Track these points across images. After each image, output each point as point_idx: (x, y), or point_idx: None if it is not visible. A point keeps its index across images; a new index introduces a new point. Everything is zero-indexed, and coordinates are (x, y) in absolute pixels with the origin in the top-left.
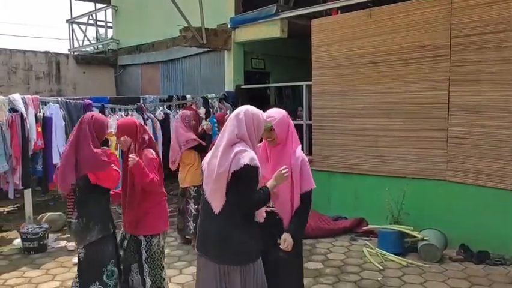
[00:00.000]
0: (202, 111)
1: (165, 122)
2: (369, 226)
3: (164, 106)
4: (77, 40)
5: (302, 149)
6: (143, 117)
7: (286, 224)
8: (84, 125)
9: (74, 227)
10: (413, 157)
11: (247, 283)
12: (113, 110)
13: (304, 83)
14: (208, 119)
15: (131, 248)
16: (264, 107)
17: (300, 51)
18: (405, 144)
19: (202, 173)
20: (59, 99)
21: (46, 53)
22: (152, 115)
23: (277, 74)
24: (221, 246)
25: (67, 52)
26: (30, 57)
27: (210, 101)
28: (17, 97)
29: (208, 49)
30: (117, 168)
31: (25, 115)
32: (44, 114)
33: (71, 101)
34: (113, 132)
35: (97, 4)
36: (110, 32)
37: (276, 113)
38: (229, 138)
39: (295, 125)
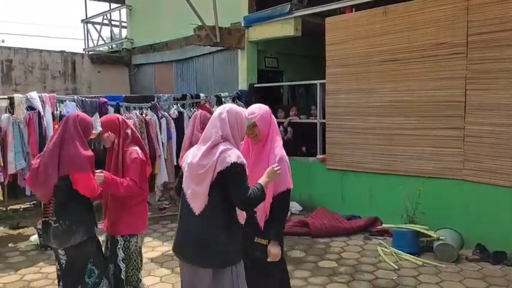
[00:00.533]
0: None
1: (179, 121)
2: (384, 225)
3: (178, 105)
4: (92, 40)
5: (315, 148)
6: (157, 116)
7: (261, 223)
8: (70, 124)
9: (54, 230)
10: (429, 156)
11: (225, 286)
12: (127, 109)
13: (318, 82)
14: None
15: (109, 248)
16: (277, 105)
17: (313, 49)
18: (421, 143)
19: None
20: (76, 97)
21: (62, 52)
22: (166, 113)
23: (291, 72)
24: (201, 249)
25: (82, 52)
26: (46, 57)
27: (223, 99)
28: (34, 95)
29: (222, 48)
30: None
31: (42, 113)
32: (61, 112)
33: (87, 99)
34: (97, 134)
35: (111, 4)
36: (124, 32)
37: (258, 108)
38: (214, 139)
39: (309, 123)
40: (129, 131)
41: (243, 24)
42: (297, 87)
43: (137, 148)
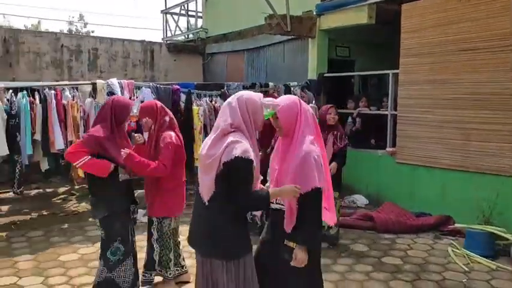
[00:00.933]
0: None
1: None
2: (456, 225)
3: None
4: (170, 30)
5: (384, 141)
6: None
7: (287, 226)
8: (106, 106)
9: (90, 203)
10: (509, 153)
11: (230, 279)
12: (198, 96)
13: (390, 72)
14: None
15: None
16: (347, 96)
17: (387, 38)
18: (501, 138)
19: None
20: (151, 84)
21: (142, 42)
22: None
23: (363, 62)
24: (208, 239)
25: (160, 41)
26: (128, 46)
27: (292, 89)
28: (114, 81)
29: (293, 37)
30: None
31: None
32: (137, 97)
33: (161, 86)
34: (136, 115)
35: None
36: (200, 22)
37: (283, 99)
38: (223, 129)
39: (379, 115)
40: (167, 118)
41: (314, 13)
42: (369, 77)
43: (171, 133)
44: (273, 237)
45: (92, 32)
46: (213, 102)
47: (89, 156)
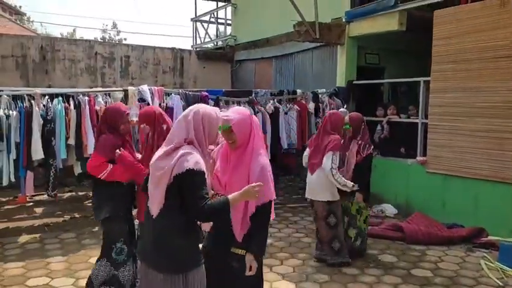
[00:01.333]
0: (311, 106)
1: (274, 116)
2: (490, 237)
3: (275, 100)
4: (200, 37)
5: (414, 150)
6: (254, 110)
7: (237, 235)
8: (102, 114)
9: (92, 204)
10: None
11: None
12: (226, 102)
13: (421, 79)
14: None
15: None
16: (377, 103)
17: (418, 45)
18: None
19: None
20: (180, 91)
21: (172, 49)
22: (262, 108)
23: (393, 69)
24: (156, 252)
25: (190, 48)
26: (159, 53)
27: (320, 96)
28: (145, 88)
29: (321, 44)
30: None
31: (151, 104)
32: (166, 104)
33: (190, 92)
34: (135, 121)
35: (218, 3)
36: (229, 29)
37: (237, 112)
38: (176, 142)
39: (408, 123)
40: (165, 127)
41: (344, 20)
42: (398, 85)
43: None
44: (218, 245)
45: (125, 39)
46: None
47: (111, 165)
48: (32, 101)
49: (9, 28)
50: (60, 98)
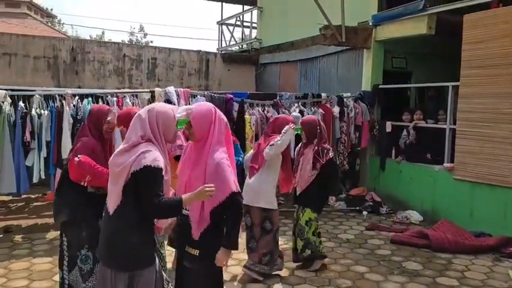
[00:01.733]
0: (336, 110)
1: None
2: None
3: (299, 103)
4: (225, 40)
5: (441, 156)
6: (278, 113)
7: (194, 232)
8: (88, 115)
9: (53, 204)
10: None
11: None
12: (251, 105)
13: (450, 84)
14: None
15: None
16: (402, 108)
17: (446, 49)
18: None
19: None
20: (206, 92)
21: (198, 52)
22: (287, 111)
23: (420, 74)
24: (110, 249)
25: (215, 51)
26: (185, 56)
27: (344, 100)
28: (171, 90)
29: (347, 47)
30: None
31: (177, 106)
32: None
33: (215, 94)
34: (113, 125)
35: (244, 6)
36: (254, 32)
37: (198, 106)
38: (133, 140)
39: (435, 129)
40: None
41: (371, 23)
42: (426, 89)
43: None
44: (178, 241)
45: (151, 42)
46: (265, 112)
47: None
48: (63, 101)
49: (42, 30)
50: (89, 99)
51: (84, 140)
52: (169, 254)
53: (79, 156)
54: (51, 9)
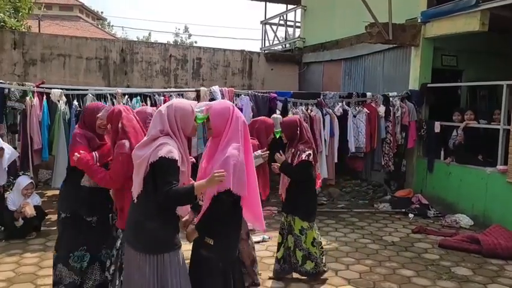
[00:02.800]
0: (381, 109)
1: (343, 118)
2: None
3: (343, 102)
4: (268, 40)
5: (494, 158)
6: (322, 112)
7: (196, 219)
8: (81, 114)
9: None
10: None
11: (157, 273)
12: (294, 104)
13: (505, 83)
14: None
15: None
16: (453, 108)
17: (500, 46)
18: None
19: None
20: (249, 92)
21: (242, 51)
22: (330, 111)
23: (472, 72)
24: (135, 233)
25: (258, 51)
26: (229, 55)
27: (390, 99)
28: (216, 89)
29: (394, 45)
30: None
31: (196, 102)
32: (236, 105)
33: (259, 94)
34: (101, 118)
35: (288, 5)
36: (298, 32)
37: (217, 103)
38: (152, 134)
39: (487, 130)
40: (121, 124)
41: (419, 20)
42: (478, 88)
43: (125, 141)
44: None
45: (195, 42)
46: (309, 111)
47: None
48: (114, 100)
49: (93, 32)
50: (138, 98)
51: (77, 134)
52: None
53: (79, 153)
54: (102, 12)
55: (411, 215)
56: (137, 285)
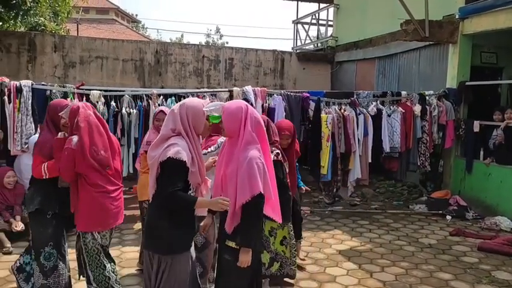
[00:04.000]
0: (417, 108)
1: (377, 118)
2: None
3: (378, 102)
4: (300, 39)
5: None
6: (355, 112)
7: (227, 227)
8: (47, 110)
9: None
10: None
11: (163, 274)
12: (327, 104)
13: None
14: None
15: None
16: (493, 107)
17: None
18: None
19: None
20: (282, 91)
21: (273, 51)
22: (364, 110)
23: None
24: (147, 232)
25: (290, 50)
26: (261, 55)
27: (427, 98)
28: (249, 89)
29: (430, 43)
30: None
31: (254, 104)
32: (269, 105)
33: (291, 93)
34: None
35: (320, 4)
36: (330, 31)
37: (229, 103)
38: (164, 133)
39: None
40: (75, 120)
41: (457, 16)
42: None
43: (74, 137)
44: (220, 237)
45: (227, 43)
46: (342, 111)
47: (45, 164)
48: (150, 101)
49: (128, 34)
50: (173, 98)
51: (40, 140)
52: None
53: (45, 167)
54: (136, 15)
55: (448, 217)
56: (145, 280)
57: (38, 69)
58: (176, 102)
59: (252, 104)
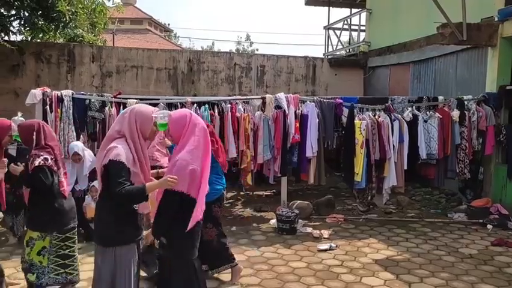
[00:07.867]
0: (455, 114)
1: (413, 124)
2: None
3: (413, 107)
4: (332, 45)
5: None
6: (390, 118)
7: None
8: None
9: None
10: None
11: (101, 262)
12: (361, 110)
13: None
14: None
15: None
16: None
17: None
18: None
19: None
20: (315, 98)
21: (305, 57)
22: (399, 116)
23: None
24: (95, 227)
25: (322, 56)
26: (292, 62)
27: (465, 103)
28: (281, 96)
29: (468, 46)
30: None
31: (287, 111)
32: (302, 111)
33: (324, 100)
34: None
35: (352, 9)
36: (362, 36)
37: (175, 112)
38: (110, 134)
39: None
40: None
41: (496, 19)
42: None
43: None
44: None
45: (257, 50)
46: (376, 117)
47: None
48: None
49: (161, 44)
50: (206, 106)
51: None
52: None
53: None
54: (169, 24)
55: (489, 226)
56: (95, 275)
57: (77, 79)
58: (210, 110)
59: (284, 111)
